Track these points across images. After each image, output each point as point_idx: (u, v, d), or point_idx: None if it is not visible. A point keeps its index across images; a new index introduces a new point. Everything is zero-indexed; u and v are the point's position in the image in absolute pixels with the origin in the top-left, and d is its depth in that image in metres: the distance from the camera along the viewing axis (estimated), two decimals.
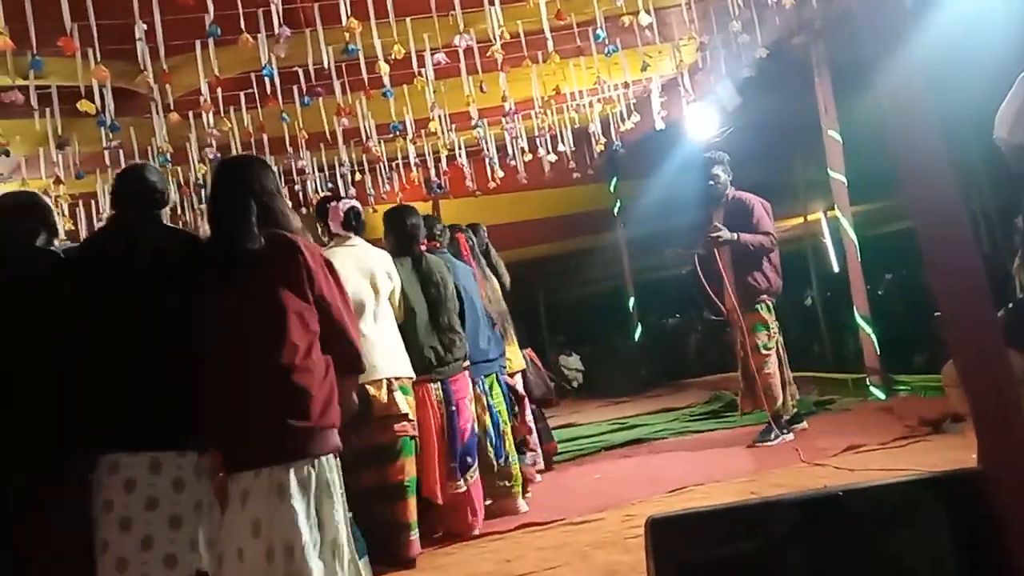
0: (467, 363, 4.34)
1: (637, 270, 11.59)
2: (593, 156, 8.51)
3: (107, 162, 6.27)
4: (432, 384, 4.13)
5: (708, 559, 1.76)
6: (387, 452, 3.79)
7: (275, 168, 7.29)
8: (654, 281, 12.68)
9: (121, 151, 6.02)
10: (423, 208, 8.42)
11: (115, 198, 2.76)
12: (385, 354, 3.79)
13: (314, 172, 8.01)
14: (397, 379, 3.83)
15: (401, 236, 4.30)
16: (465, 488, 4.15)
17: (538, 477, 5.33)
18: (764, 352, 5.39)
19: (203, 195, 7.70)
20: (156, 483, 2.43)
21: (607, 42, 5.61)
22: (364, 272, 3.87)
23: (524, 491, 4.67)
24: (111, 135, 5.38)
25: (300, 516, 2.40)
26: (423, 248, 4.40)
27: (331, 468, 2.55)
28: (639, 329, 11.50)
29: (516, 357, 5.32)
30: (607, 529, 3.85)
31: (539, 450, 5.61)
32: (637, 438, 6.62)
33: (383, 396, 3.74)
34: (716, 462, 5.11)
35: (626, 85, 6.98)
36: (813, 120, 6.67)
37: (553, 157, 7.70)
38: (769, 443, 5.27)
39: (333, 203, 3.99)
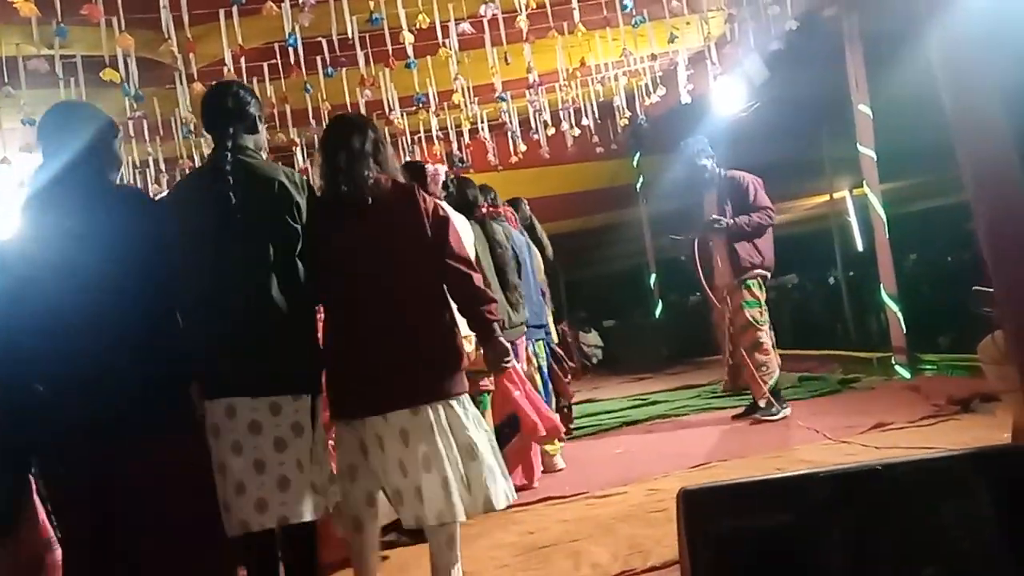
0: (524, 327, 4.52)
1: (659, 247, 11.50)
2: (617, 131, 8.41)
3: (131, 132, 6.27)
4: None
5: (742, 531, 1.73)
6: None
7: (299, 140, 7.24)
8: (676, 258, 12.53)
9: (145, 121, 6.01)
10: None
11: (205, 120, 2.75)
12: None
13: None
14: None
15: (462, 202, 4.36)
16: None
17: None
18: (758, 326, 5.38)
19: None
20: (279, 424, 2.53)
21: (634, 13, 5.53)
22: None
23: None
24: (135, 105, 5.37)
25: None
26: (483, 212, 4.51)
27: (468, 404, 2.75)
28: (660, 306, 11.43)
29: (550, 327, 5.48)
30: (630, 503, 3.83)
31: None
32: (659, 414, 6.59)
33: (473, 352, 3.82)
34: (739, 439, 5.07)
35: (653, 57, 6.87)
36: (843, 95, 6.54)
37: (576, 131, 7.61)
38: (772, 418, 5.31)
39: (432, 168, 4.08)
